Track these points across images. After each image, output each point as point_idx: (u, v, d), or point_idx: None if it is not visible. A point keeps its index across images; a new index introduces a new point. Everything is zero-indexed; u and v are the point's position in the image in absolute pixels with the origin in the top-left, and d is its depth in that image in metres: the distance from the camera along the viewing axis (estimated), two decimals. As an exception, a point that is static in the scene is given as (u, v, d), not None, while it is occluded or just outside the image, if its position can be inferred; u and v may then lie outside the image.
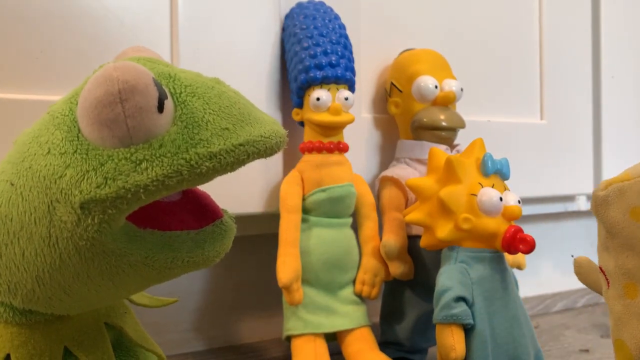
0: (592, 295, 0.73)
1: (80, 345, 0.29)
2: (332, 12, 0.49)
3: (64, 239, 0.24)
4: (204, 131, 0.23)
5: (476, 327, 0.37)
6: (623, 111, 0.74)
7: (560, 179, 0.68)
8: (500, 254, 0.39)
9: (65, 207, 0.23)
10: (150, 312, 0.51)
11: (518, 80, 0.67)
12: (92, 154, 0.23)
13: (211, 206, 0.29)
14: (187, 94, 0.24)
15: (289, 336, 0.45)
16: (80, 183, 0.23)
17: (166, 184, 0.23)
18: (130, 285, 0.26)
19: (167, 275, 0.26)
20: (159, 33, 0.45)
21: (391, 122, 0.55)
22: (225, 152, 0.23)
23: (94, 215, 0.23)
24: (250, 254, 0.56)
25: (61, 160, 0.23)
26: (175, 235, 0.26)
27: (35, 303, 0.26)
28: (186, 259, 0.26)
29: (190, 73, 0.26)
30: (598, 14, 0.72)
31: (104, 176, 0.23)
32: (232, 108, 0.24)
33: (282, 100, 0.50)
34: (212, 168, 0.23)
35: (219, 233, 0.28)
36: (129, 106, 0.22)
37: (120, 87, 0.22)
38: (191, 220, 0.28)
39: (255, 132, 0.24)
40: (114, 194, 0.22)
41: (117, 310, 0.31)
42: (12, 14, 0.41)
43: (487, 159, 0.39)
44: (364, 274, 0.47)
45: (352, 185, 0.46)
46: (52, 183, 0.23)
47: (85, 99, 0.23)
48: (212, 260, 0.27)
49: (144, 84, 0.23)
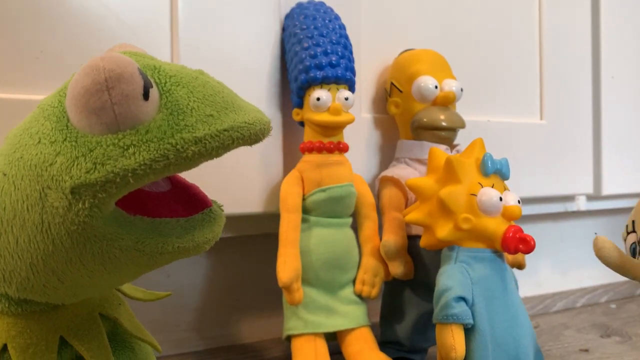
0: (592, 295, 0.73)
1: (75, 335, 0.29)
2: (332, 12, 0.49)
3: (56, 225, 0.24)
4: (188, 117, 0.24)
5: (476, 327, 0.37)
6: (623, 111, 0.74)
7: (559, 179, 0.68)
8: (500, 253, 0.39)
9: (57, 193, 0.24)
10: (151, 312, 0.51)
11: (518, 81, 0.67)
12: (81, 141, 0.24)
13: (200, 196, 0.30)
14: (171, 84, 0.25)
15: (289, 336, 0.46)
16: (70, 169, 0.24)
17: (153, 167, 0.23)
18: (122, 271, 0.27)
19: (159, 260, 0.26)
20: (159, 33, 0.45)
21: (391, 122, 0.55)
22: (210, 137, 0.24)
23: (85, 199, 0.23)
24: (250, 254, 0.56)
25: (52, 149, 0.24)
26: (165, 222, 0.26)
27: (30, 291, 0.27)
28: (176, 244, 0.26)
29: (175, 65, 0.27)
30: (598, 14, 0.72)
31: (93, 161, 0.23)
32: (216, 96, 0.25)
33: (282, 100, 0.51)
34: (197, 152, 0.24)
35: (208, 221, 0.28)
36: (116, 94, 0.23)
37: (107, 75, 0.23)
38: (181, 210, 0.29)
39: (239, 119, 0.25)
40: (103, 178, 0.23)
41: (111, 302, 0.32)
42: (12, 14, 0.41)
43: (487, 159, 0.39)
44: (364, 274, 0.47)
45: (352, 185, 0.47)
46: (43, 170, 0.24)
47: (74, 88, 0.24)
48: (203, 247, 0.28)
49: (130, 72, 0.23)
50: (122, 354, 0.32)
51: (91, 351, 0.29)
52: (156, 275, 0.52)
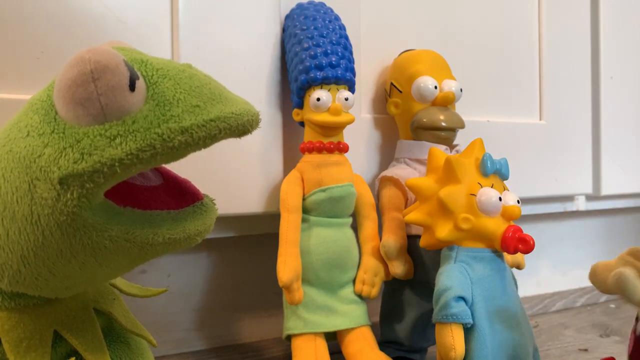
0: (591, 295, 0.74)
1: (69, 329, 0.29)
2: (332, 13, 0.49)
3: (45, 216, 0.24)
4: (175, 108, 0.24)
5: (475, 327, 0.37)
6: (622, 111, 0.74)
7: (559, 179, 0.68)
8: (499, 253, 0.39)
9: (45, 184, 0.24)
10: (151, 312, 0.51)
11: (517, 81, 0.67)
12: (69, 132, 0.24)
13: (191, 189, 0.30)
14: (158, 76, 0.25)
15: (289, 335, 0.46)
16: (58, 160, 0.24)
17: (140, 157, 0.24)
18: (113, 263, 0.27)
19: (149, 252, 0.27)
20: (159, 33, 0.46)
21: (391, 122, 0.55)
22: (196, 127, 0.24)
23: (73, 189, 0.24)
24: (250, 254, 0.56)
25: (40, 141, 0.25)
26: (156, 214, 0.27)
27: (22, 284, 0.27)
28: (167, 235, 0.26)
29: (162, 59, 0.27)
30: (597, 15, 0.72)
31: (81, 152, 0.24)
32: (202, 88, 0.26)
33: (282, 100, 0.51)
34: (184, 142, 0.24)
35: (200, 213, 0.29)
36: (101, 84, 0.23)
37: (92, 67, 0.23)
38: (172, 203, 0.29)
39: (226, 109, 0.25)
40: (90, 168, 0.23)
41: (105, 297, 0.32)
42: (12, 15, 0.41)
43: (487, 159, 0.40)
44: (363, 274, 0.47)
45: (352, 185, 0.47)
46: (32, 162, 0.24)
47: (60, 80, 0.24)
48: (194, 239, 0.28)
49: (115, 63, 0.24)
50: (117, 349, 0.32)
51: (85, 345, 0.29)
52: (156, 275, 0.52)
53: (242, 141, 0.48)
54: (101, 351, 0.30)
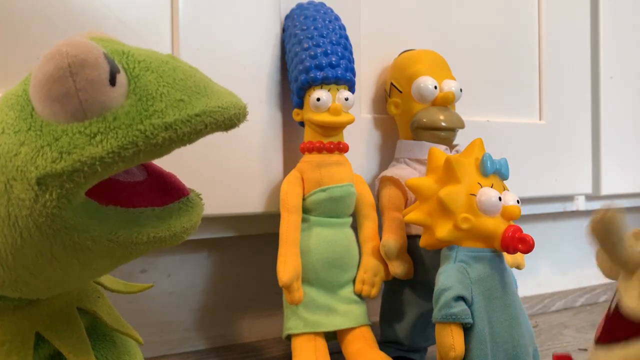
0: (591, 295, 0.74)
1: (52, 330, 0.29)
2: (332, 13, 0.49)
3: (23, 217, 0.23)
4: (158, 103, 0.23)
5: (475, 327, 0.37)
6: (621, 111, 0.74)
7: (559, 179, 0.68)
8: (499, 253, 0.40)
9: (22, 184, 0.23)
10: (151, 312, 0.51)
11: (517, 81, 0.67)
12: (46, 130, 0.23)
13: (177, 184, 0.29)
14: (140, 69, 0.24)
15: (289, 335, 0.46)
16: (35, 159, 0.23)
17: (122, 155, 0.22)
18: (96, 264, 0.26)
19: (134, 251, 0.26)
20: (159, 33, 0.46)
21: (391, 122, 0.55)
22: (180, 123, 0.23)
23: (52, 190, 0.23)
24: (250, 254, 0.56)
25: (15, 139, 0.23)
26: (139, 212, 0.26)
27: (1, 287, 0.26)
28: (151, 234, 0.25)
29: (145, 50, 0.26)
30: (597, 15, 0.73)
31: (59, 151, 0.22)
32: (187, 81, 0.24)
33: (282, 100, 0.51)
34: (168, 138, 0.23)
35: (185, 209, 0.27)
36: (80, 79, 0.22)
37: (70, 60, 0.22)
38: (156, 199, 0.28)
39: (211, 103, 0.24)
40: (70, 168, 0.22)
41: (89, 295, 0.31)
42: (12, 15, 0.41)
43: (486, 159, 0.40)
44: (363, 273, 0.47)
45: (352, 185, 0.47)
46: (8, 161, 0.23)
47: (36, 76, 0.23)
48: (180, 237, 0.27)
49: (94, 57, 0.22)
50: (103, 348, 0.31)
51: (69, 346, 0.28)
52: (156, 274, 0.52)
53: (242, 141, 0.48)
54: (86, 352, 0.29)
